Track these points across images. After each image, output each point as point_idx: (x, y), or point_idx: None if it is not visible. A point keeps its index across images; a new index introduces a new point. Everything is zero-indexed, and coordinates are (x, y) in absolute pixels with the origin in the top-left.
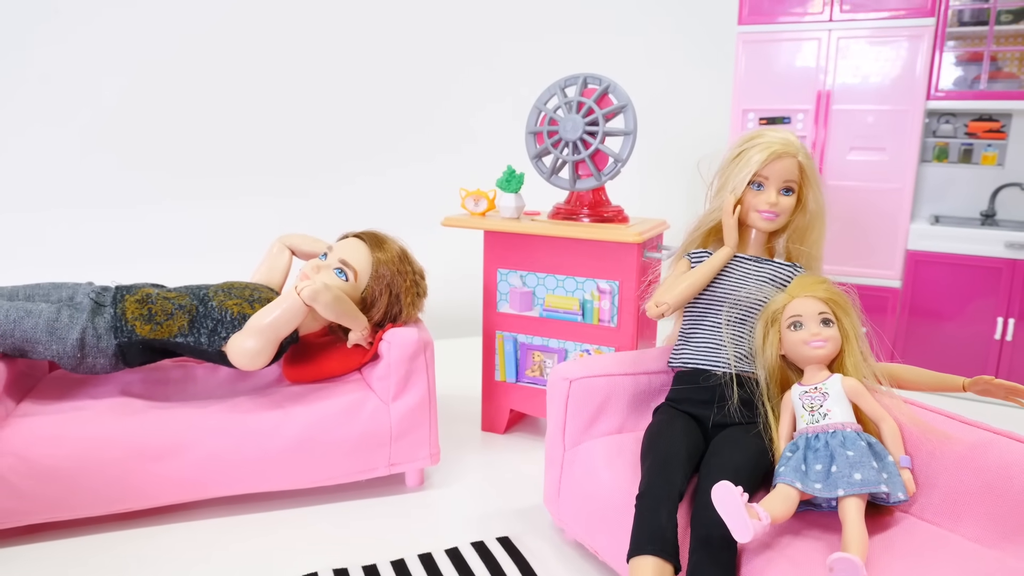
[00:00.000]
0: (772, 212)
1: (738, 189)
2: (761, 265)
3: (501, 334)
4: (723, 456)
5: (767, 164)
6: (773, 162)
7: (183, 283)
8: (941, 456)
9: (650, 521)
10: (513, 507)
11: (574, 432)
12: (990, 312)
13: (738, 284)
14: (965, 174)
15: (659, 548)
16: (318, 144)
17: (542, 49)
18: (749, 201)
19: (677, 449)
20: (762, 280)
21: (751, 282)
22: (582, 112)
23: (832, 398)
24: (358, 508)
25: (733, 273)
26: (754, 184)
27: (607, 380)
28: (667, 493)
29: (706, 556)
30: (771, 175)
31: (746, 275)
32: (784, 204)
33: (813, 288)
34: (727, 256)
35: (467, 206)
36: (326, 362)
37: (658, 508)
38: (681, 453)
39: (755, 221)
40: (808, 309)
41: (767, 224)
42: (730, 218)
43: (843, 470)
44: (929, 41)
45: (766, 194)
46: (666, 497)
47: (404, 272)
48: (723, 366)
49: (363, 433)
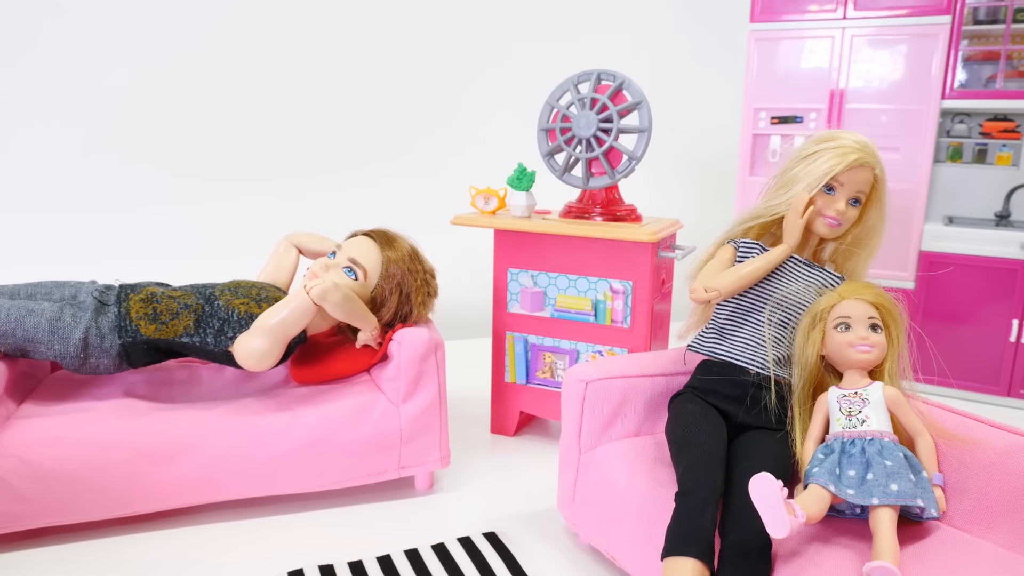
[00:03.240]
0: (837, 220)
1: (814, 190)
2: (812, 270)
3: (511, 335)
4: (758, 459)
5: (847, 171)
6: (854, 170)
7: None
8: (971, 462)
9: (693, 521)
10: (524, 511)
11: (590, 435)
12: (1005, 314)
13: (787, 285)
14: (979, 174)
15: (700, 551)
16: (326, 145)
17: (553, 50)
18: (817, 204)
19: (716, 445)
20: (812, 285)
21: (800, 285)
22: (596, 108)
23: (872, 405)
24: (367, 511)
25: (785, 273)
26: (827, 188)
27: (624, 382)
28: (711, 492)
29: (743, 566)
30: (847, 182)
31: (797, 277)
32: (850, 215)
33: (864, 291)
34: (785, 254)
35: (477, 204)
36: (334, 363)
37: (703, 508)
38: (720, 449)
39: (817, 225)
40: (858, 312)
41: (828, 231)
42: (799, 217)
43: (879, 479)
44: (944, 39)
45: (836, 201)
46: (711, 496)
47: (415, 271)
48: (759, 365)
49: (372, 435)
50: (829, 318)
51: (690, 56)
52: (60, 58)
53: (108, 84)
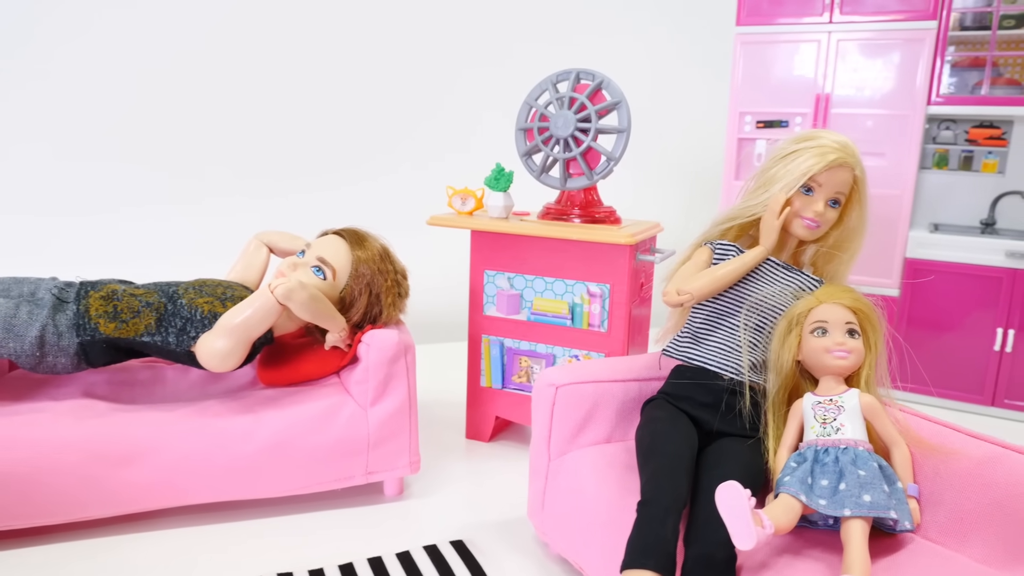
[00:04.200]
0: (815, 221)
1: (791, 191)
2: (790, 273)
3: (487, 338)
4: (727, 467)
5: (825, 171)
6: (833, 170)
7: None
8: (947, 472)
9: (654, 532)
10: (496, 519)
11: (560, 441)
12: (990, 322)
13: (763, 288)
14: (965, 181)
15: (659, 563)
16: (309, 145)
17: (539, 50)
18: (795, 205)
19: (682, 453)
20: (789, 289)
21: (777, 288)
22: (574, 108)
23: (847, 413)
24: (334, 518)
25: (762, 276)
26: (804, 188)
27: (595, 387)
28: (673, 502)
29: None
30: (825, 183)
31: (774, 280)
32: (829, 216)
33: (842, 296)
34: (761, 257)
35: (454, 205)
36: (302, 364)
37: (664, 518)
38: (687, 458)
39: (795, 227)
40: (835, 316)
41: (806, 232)
42: (775, 219)
43: (852, 489)
44: (931, 45)
45: (815, 202)
46: (673, 506)
47: (385, 271)
48: (734, 371)
49: (339, 440)
50: (806, 322)
51: (679, 58)
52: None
53: (91, 87)
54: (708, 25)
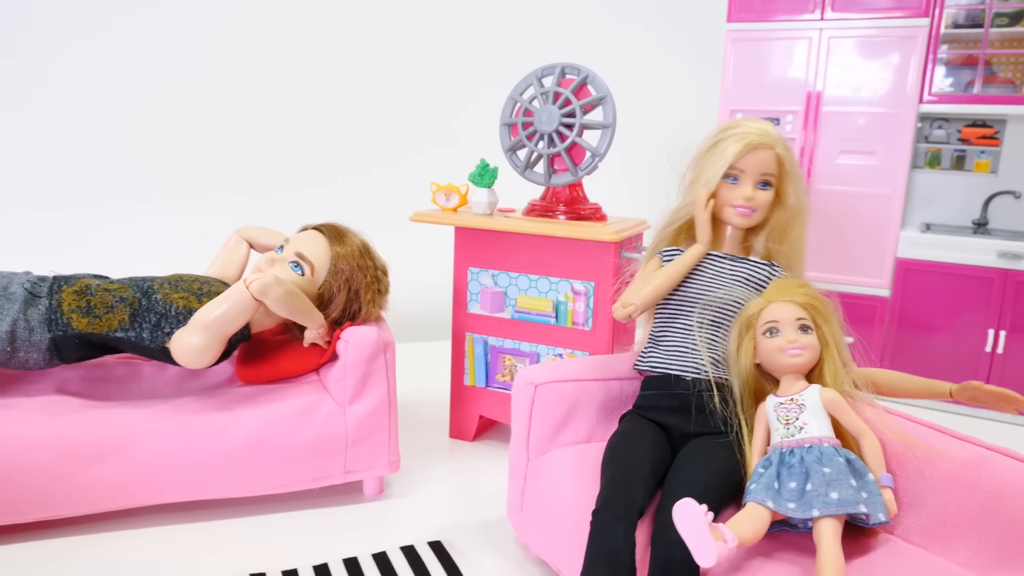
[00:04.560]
0: (748, 207)
1: (712, 182)
2: (736, 264)
3: (471, 336)
4: (689, 470)
5: (743, 156)
6: (749, 154)
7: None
8: (930, 474)
9: (605, 540)
10: (477, 519)
11: (539, 440)
12: (981, 324)
13: (711, 284)
14: (957, 181)
15: (613, 571)
16: (293, 143)
17: (526, 45)
18: (724, 195)
19: (640, 461)
20: (737, 280)
21: (725, 282)
22: (559, 103)
23: (809, 410)
24: (312, 517)
25: (706, 272)
26: (729, 177)
27: (575, 386)
28: (625, 510)
29: None
30: (747, 168)
31: (720, 274)
32: (761, 199)
33: (791, 292)
34: (699, 254)
35: (438, 201)
36: (281, 362)
37: (615, 526)
38: (644, 465)
39: (730, 217)
40: (785, 315)
41: (742, 220)
42: (703, 213)
43: (818, 488)
44: (923, 42)
45: (741, 188)
46: (624, 514)
47: (364, 267)
48: (695, 371)
49: (317, 438)
50: (758, 324)
51: (670, 55)
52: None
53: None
54: (699, 22)
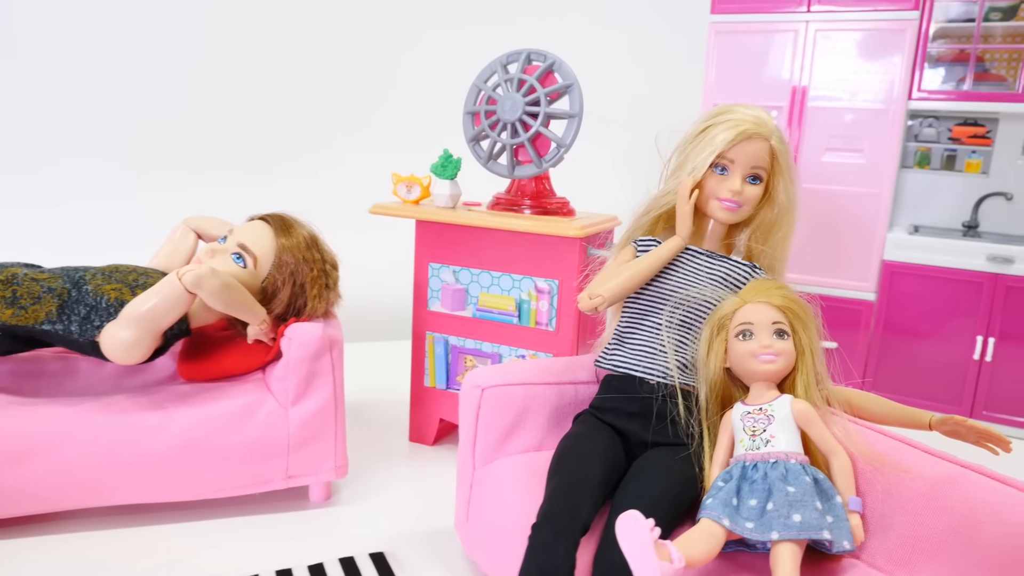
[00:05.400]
0: (734, 201)
1: (698, 171)
2: (715, 262)
3: (431, 335)
4: (643, 482)
5: (734, 145)
6: (741, 143)
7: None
8: (898, 493)
9: (542, 559)
10: (428, 530)
11: (485, 448)
12: (969, 330)
13: (686, 281)
14: (948, 181)
15: None
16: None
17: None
18: (710, 187)
19: (590, 469)
20: (714, 279)
21: (701, 280)
22: (523, 91)
23: (778, 422)
24: (254, 524)
25: (682, 268)
26: (717, 167)
27: (525, 389)
28: (568, 524)
29: None
30: (737, 158)
31: (696, 271)
32: (749, 194)
33: (769, 294)
34: (677, 247)
35: (399, 193)
36: (224, 359)
37: (554, 543)
38: (594, 475)
39: (714, 210)
40: (761, 317)
41: (727, 215)
42: (685, 204)
43: (780, 509)
44: (912, 36)
45: (730, 180)
46: (566, 529)
47: (311, 260)
48: (659, 375)
49: (256, 440)
50: (731, 325)
51: (655, 47)
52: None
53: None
54: (687, 13)
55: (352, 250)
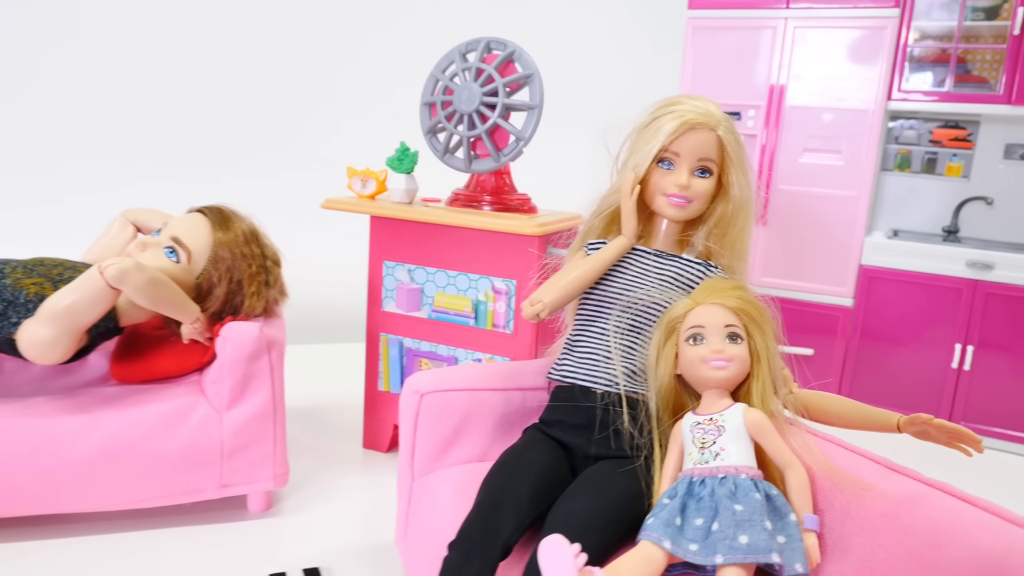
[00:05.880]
0: (682, 197)
1: (641, 166)
2: (665, 261)
3: (386, 337)
4: (578, 500)
5: (678, 137)
6: (685, 135)
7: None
8: (857, 512)
9: None
10: (370, 544)
11: (425, 458)
12: (947, 337)
13: (633, 283)
14: (928, 185)
15: None
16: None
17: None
18: (656, 182)
19: (517, 486)
20: (664, 280)
21: (650, 281)
22: (480, 80)
23: (729, 433)
24: (184, 536)
25: (629, 269)
26: (663, 162)
27: (468, 396)
28: (484, 546)
29: None
30: (683, 151)
31: (645, 272)
32: (698, 188)
33: (723, 295)
34: (622, 248)
35: (354, 187)
36: (159, 359)
37: (467, 564)
38: (522, 490)
39: (662, 207)
40: (713, 320)
41: (676, 212)
42: (628, 201)
43: (726, 529)
44: (893, 35)
45: (676, 174)
46: (481, 551)
47: (249, 256)
48: (606, 383)
49: (187, 446)
50: (681, 328)
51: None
52: None
53: None
54: (666, 7)
55: (309, 248)
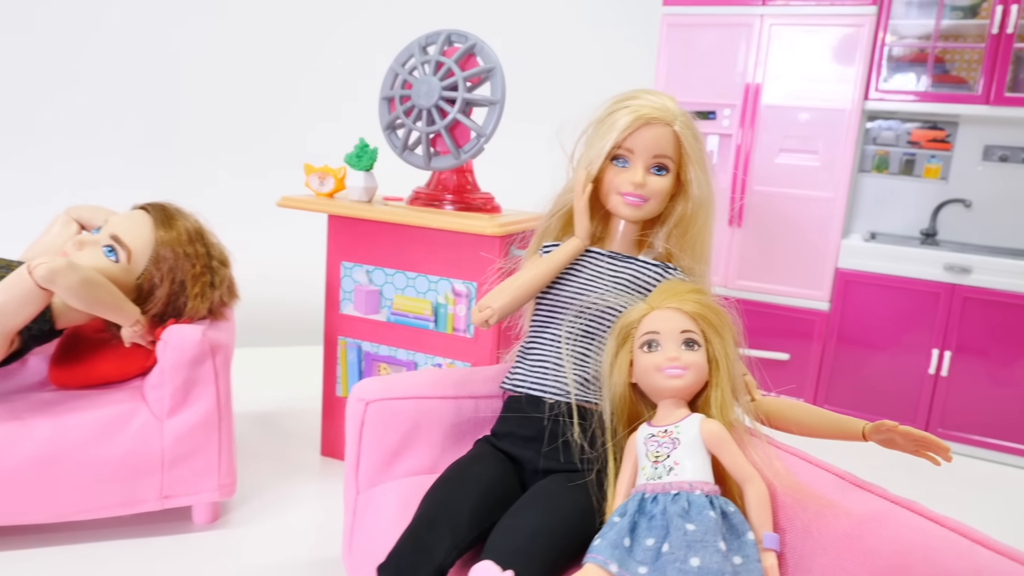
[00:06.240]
0: (637, 196)
1: (594, 164)
2: (620, 264)
3: (344, 340)
4: (522, 516)
5: (632, 133)
6: (640, 130)
7: None
8: (820, 532)
9: None
10: (317, 559)
11: (370, 470)
12: (925, 343)
13: (586, 287)
14: (906, 187)
15: None
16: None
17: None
18: (610, 181)
19: (458, 503)
20: (619, 283)
21: (604, 285)
22: (440, 74)
23: (684, 446)
24: (124, 549)
25: (583, 272)
26: (618, 159)
27: (417, 404)
28: (413, 569)
29: None
30: (637, 147)
31: (598, 276)
32: (654, 186)
33: (680, 298)
34: (575, 249)
35: (312, 185)
36: (99, 363)
37: None
38: (463, 510)
39: (617, 206)
40: (668, 325)
41: (631, 211)
42: (580, 200)
43: (677, 551)
44: (870, 33)
45: (631, 172)
46: (409, 571)
47: (194, 255)
48: (556, 392)
49: (126, 455)
50: (636, 335)
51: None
52: None
53: None
54: (638, 3)
55: (266, 248)
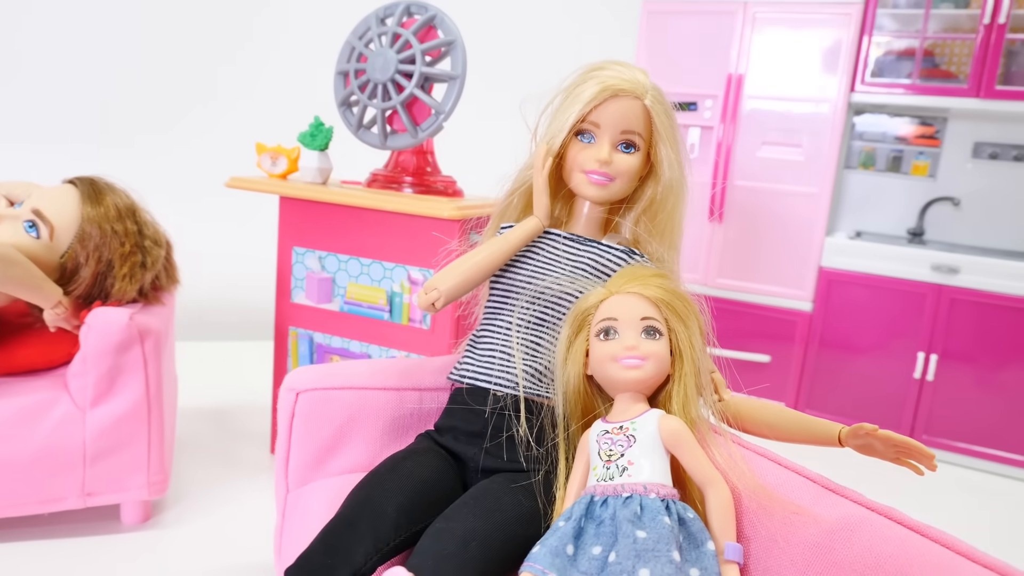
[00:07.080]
0: (602, 174)
1: (557, 138)
2: (580, 247)
3: (295, 331)
4: (457, 518)
5: (598, 105)
6: (607, 102)
7: None
8: (787, 541)
9: None
10: (249, 563)
11: (301, 466)
12: (910, 345)
13: (542, 271)
14: (894, 184)
15: None
16: (120, 102)
17: None
18: (574, 158)
19: (383, 503)
20: (578, 267)
21: (561, 269)
22: (397, 46)
23: (639, 445)
24: (38, 551)
25: (539, 255)
26: (582, 134)
27: (354, 395)
28: (326, 572)
29: None
30: (603, 122)
31: (555, 260)
32: (621, 165)
33: (643, 283)
34: (532, 229)
35: (263, 166)
36: (21, 349)
37: None
38: (387, 510)
39: (580, 185)
40: (627, 311)
41: (595, 191)
42: (540, 176)
43: (624, 561)
44: (856, 22)
45: (596, 148)
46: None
47: (122, 233)
48: (504, 384)
49: (44, 448)
50: (593, 321)
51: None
52: None
53: None
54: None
55: (214, 231)
